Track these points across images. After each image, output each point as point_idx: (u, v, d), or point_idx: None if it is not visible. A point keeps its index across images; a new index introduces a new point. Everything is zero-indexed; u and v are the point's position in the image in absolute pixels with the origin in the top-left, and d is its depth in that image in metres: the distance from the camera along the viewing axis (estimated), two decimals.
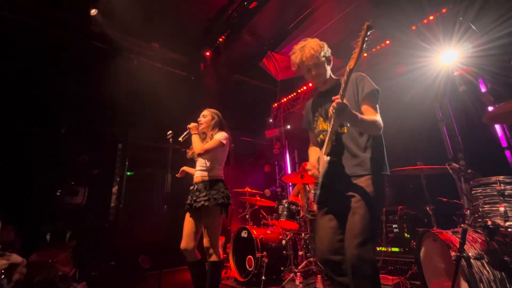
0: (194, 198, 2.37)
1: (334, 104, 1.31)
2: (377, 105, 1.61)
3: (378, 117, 1.53)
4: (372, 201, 1.46)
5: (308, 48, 1.61)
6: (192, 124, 2.52)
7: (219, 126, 2.58)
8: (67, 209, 3.81)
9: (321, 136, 1.74)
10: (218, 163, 2.52)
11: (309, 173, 1.66)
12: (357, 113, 1.39)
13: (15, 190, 3.48)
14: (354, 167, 1.54)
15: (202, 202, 2.29)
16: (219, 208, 2.35)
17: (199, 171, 2.49)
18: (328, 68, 1.72)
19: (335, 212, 1.58)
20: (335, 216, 1.57)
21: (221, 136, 2.45)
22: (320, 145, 1.77)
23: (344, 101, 1.32)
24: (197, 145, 2.42)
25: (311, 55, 1.60)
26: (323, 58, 1.65)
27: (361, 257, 1.37)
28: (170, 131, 2.65)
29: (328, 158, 1.48)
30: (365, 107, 1.58)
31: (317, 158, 1.73)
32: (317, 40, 1.67)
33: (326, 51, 1.68)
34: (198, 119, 2.60)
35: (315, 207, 1.70)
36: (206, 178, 2.43)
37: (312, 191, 1.72)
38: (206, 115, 2.60)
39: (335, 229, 1.54)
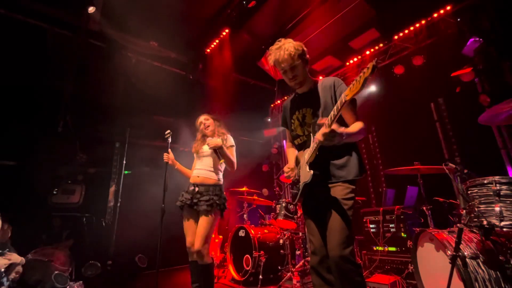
0: (195, 200, 2.37)
1: (321, 133, 1.32)
2: (356, 111, 1.62)
3: (361, 123, 1.55)
4: (350, 204, 1.53)
5: (284, 49, 1.60)
6: (217, 141, 2.36)
7: (220, 126, 2.65)
8: (64, 208, 3.79)
9: (298, 140, 1.78)
10: (222, 166, 2.55)
11: (285, 175, 1.73)
12: (343, 131, 1.36)
13: (12, 188, 3.46)
14: (333, 174, 1.59)
15: (204, 207, 2.30)
16: (219, 213, 2.40)
17: (202, 171, 2.47)
18: (306, 69, 1.71)
19: (318, 216, 1.63)
20: (319, 219, 1.63)
21: (232, 142, 2.55)
22: (297, 148, 1.82)
23: (333, 127, 1.30)
24: (233, 160, 2.44)
25: (287, 57, 1.59)
26: (299, 60, 1.63)
27: (344, 257, 1.42)
28: (169, 131, 2.66)
29: (311, 171, 1.51)
30: (345, 113, 1.60)
31: (295, 158, 1.79)
32: (293, 41, 1.66)
33: (303, 52, 1.66)
34: (204, 123, 2.61)
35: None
36: (210, 181, 2.44)
37: (291, 191, 1.77)
38: (208, 118, 2.65)
39: (321, 230, 1.61)
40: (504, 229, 1.64)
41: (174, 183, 2.79)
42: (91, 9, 3.93)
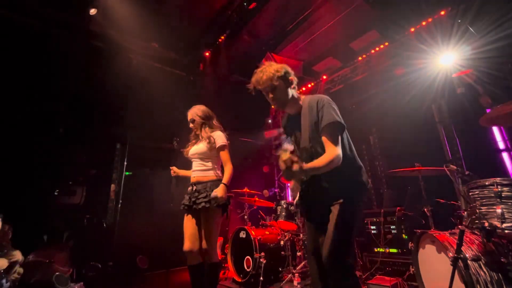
0: (193, 199, 2.34)
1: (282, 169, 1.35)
2: (338, 136, 1.54)
3: (334, 153, 1.47)
4: (345, 221, 1.51)
5: (264, 71, 1.64)
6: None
7: (206, 123, 2.55)
8: (65, 209, 3.80)
9: None
10: (217, 163, 2.50)
11: (290, 187, 1.76)
12: (306, 167, 1.39)
13: (13, 189, 3.46)
14: (328, 194, 1.57)
15: (203, 204, 2.26)
16: (219, 209, 2.34)
17: (197, 171, 2.46)
18: (289, 90, 1.68)
19: (318, 220, 1.67)
20: (318, 223, 1.66)
21: (223, 140, 2.45)
22: None
23: (294, 167, 1.34)
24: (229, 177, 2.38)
25: (265, 78, 1.63)
26: (278, 82, 1.64)
27: (335, 260, 1.45)
28: (176, 138, 2.69)
29: (297, 196, 1.59)
30: (324, 140, 1.54)
31: None
32: (275, 64, 1.69)
33: (284, 73, 1.65)
34: (190, 125, 2.59)
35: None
36: (206, 178, 2.41)
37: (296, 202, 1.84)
38: (194, 120, 2.56)
39: (318, 234, 1.64)
40: (506, 231, 1.63)
41: (180, 183, 2.79)
42: (93, 11, 3.95)
